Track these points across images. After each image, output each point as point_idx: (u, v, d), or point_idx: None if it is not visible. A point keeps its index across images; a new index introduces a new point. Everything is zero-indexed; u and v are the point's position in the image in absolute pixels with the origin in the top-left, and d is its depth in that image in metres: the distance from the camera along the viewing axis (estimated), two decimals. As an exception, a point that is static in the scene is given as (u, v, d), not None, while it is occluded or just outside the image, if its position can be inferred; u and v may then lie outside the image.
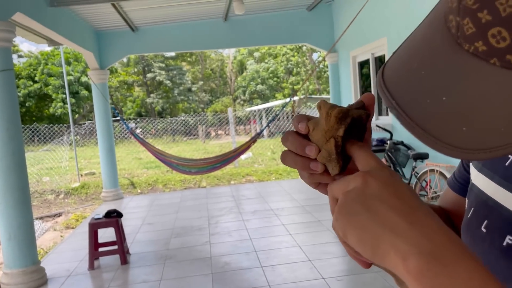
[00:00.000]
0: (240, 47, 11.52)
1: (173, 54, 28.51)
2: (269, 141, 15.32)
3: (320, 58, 27.17)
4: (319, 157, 0.45)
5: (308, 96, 23.96)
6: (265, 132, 17.30)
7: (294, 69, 28.19)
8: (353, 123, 0.45)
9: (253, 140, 6.16)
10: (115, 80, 27.56)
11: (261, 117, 23.19)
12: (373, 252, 0.37)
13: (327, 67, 19.02)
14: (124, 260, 4.37)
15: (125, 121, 7.34)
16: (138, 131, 20.05)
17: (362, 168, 0.42)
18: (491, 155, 0.33)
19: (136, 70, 28.49)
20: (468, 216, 0.57)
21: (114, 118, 8.93)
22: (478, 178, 0.57)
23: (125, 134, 19.39)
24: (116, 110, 7.36)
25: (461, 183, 0.66)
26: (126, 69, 28.34)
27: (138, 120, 22.15)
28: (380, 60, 6.32)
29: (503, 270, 0.49)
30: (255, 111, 23.94)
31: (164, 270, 4.14)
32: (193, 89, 30.04)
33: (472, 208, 0.57)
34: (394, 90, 0.39)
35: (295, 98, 21.18)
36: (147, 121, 22.02)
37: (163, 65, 28.26)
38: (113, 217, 4.44)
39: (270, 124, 15.94)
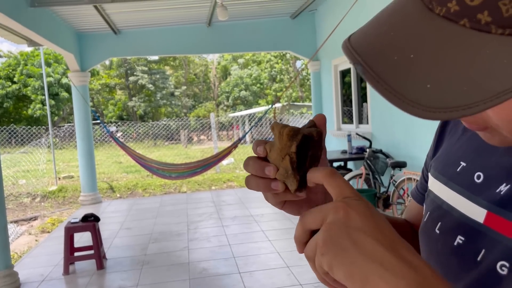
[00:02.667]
0: (223, 53, 11.56)
1: (156, 58, 28.35)
2: (251, 147, 15.32)
3: (304, 66, 27.42)
4: (278, 176, 0.47)
5: (291, 103, 24.10)
6: (247, 138, 17.30)
7: (278, 76, 28.35)
8: (306, 141, 0.47)
9: (234, 146, 6.16)
10: (97, 82, 27.23)
11: (244, 123, 23.21)
12: (362, 286, 0.37)
13: (310, 75, 19.25)
14: (100, 265, 4.30)
15: (105, 124, 7.25)
16: (119, 134, 19.82)
17: (336, 197, 0.42)
18: (450, 116, 0.34)
19: (118, 73, 28.20)
20: (425, 220, 0.59)
21: (94, 121, 8.82)
22: (434, 184, 0.60)
23: (105, 138, 19.15)
24: (97, 113, 7.28)
25: (422, 193, 0.69)
26: (108, 71, 28.04)
27: (119, 123, 21.92)
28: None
29: (455, 268, 0.52)
30: (238, 117, 23.95)
31: (141, 275, 4.09)
32: (176, 93, 29.88)
33: (428, 212, 0.59)
34: (361, 48, 0.38)
35: (278, 105, 21.28)
36: (128, 124, 21.79)
37: (146, 68, 28.05)
38: (90, 221, 4.38)
39: (252, 130, 15.97)
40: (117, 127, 20.44)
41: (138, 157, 6.45)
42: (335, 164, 6.47)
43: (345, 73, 7.07)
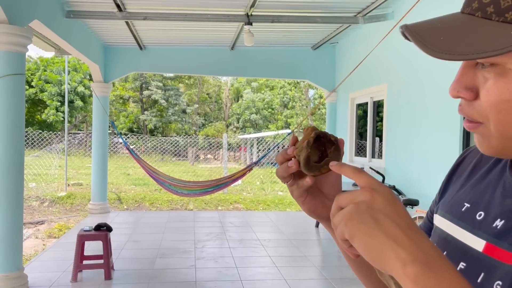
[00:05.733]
0: (243, 76, 11.73)
1: (172, 74, 28.80)
2: (259, 170, 15.36)
3: (316, 95, 27.64)
4: (295, 152, 0.63)
5: (300, 130, 24.21)
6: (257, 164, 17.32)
7: (290, 102, 28.59)
8: (324, 138, 0.64)
9: (249, 168, 6.23)
10: (112, 93, 27.63)
11: (252, 145, 23.30)
12: (377, 255, 0.47)
13: (322, 104, 19.38)
14: (108, 276, 4.32)
15: (122, 136, 7.37)
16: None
17: (364, 185, 0.51)
18: (452, 57, 0.49)
19: (133, 86, 28.62)
20: None
21: (110, 132, 8.95)
22: (441, 222, 0.70)
23: (115, 148, 19.29)
24: (114, 124, 7.41)
25: (425, 232, 0.79)
26: (124, 84, 28.47)
27: (129, 135, 22.11)
28: (378, 105, 6.52)
29: None
30: (246, 139, 24.07)
31: (148, 289, 4.10)
32: (187, 111, 30.18)
33: (445, 252, 0.69)
34: (412, 28, 0.54)
35: (288, 131, 21.39)
36: (137, 137, 21.97)
37: (161, 84, 28.45)
38: (103, 231, 4.43)
39: (261, 154, 16.03)
40: (126, 139, 20.61)
41: (151, 171, 6.52)
42: (346, 196, 6.48)
43: (360, 107, 7.18)
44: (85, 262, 4.46)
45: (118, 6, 5.37)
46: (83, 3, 5.43)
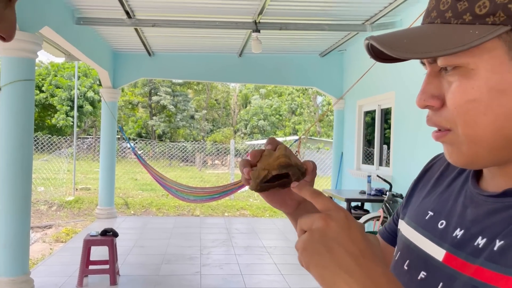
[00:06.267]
0: (251, 83, 11.76)
1: (180, 81, 28.98)
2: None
3: (325, 102, 27.59)
4: (251, 173, 0.65)
5: (308, 137, 24.18)
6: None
7: (298, 109, 28.58)
8: (286, 175, 0.65)
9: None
10: (121, 99, 27.84)
11: (260, 152, 23.29)
12: (331, 286, 0.49)
13: (330, 111, 19.33)
14: (114, 281, 4.33)
15: (130, 141, 7.42)
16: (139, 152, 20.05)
17: (321, 209, 0.53)
18: (416, 56, 0.51)
19: (142, 91, 28.82)
20: (396, 258, 0.72)
21: (118, 137, 9.01)
22: (406, 229, 0.72)
23: (123, 153, 19.40)
24: (123, 129, 7.46)
25: (389, 233, 0.83)
26: (133, 89, 28.69)
27: (137, 140, 22.23)
28: (386, 112, 6.49)
29: None
30: (254, 145, 24.08)
31: (153, 295, 4.10)
32: (195, 116, 30.30)
33: (399, 252, 0.71)
34: (378, 37, 0.56)
35: (295, 137, 21.35)
36: (146, 142, 22.06)
37: (170, 90, 28.62)
38: (109, 236, 4.44)
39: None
40: (134, 144, 20.72)
41: (159, 177, 6.55)
42: (352, 204, 6.46)
43: (368, 114, 7.15)
44: (91, 267, 4.47)
45: (127, 13, 5.43)
46: (93, 10, 5.49)
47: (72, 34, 5.45)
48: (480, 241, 0.55)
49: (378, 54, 0.59)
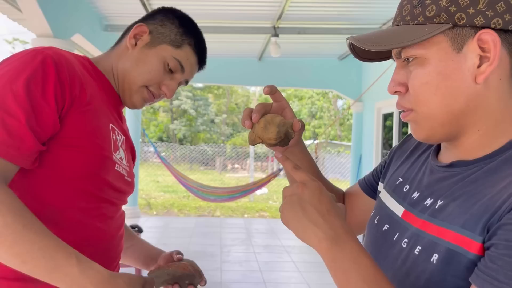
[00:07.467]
0: (269, 86, 11.88)
1: (201, 85, 29.39)
2: (285, 180, 15.41)
3: (345, 106, 27.54)
4: (249, 133, 0.81)
5: (328, 141, 24.19)
6: (282, 172, 17.41)
7: (318, 113, 28.60)
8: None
9: (274, 175, 6.38)
10: (143, 103, 28.31)
11: (280, 155, 23.38)
12: (303, 235, 0.65)
13: (350, 115, 19.34)
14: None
15: (153, 144, 7.67)
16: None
17: (299, 180, 0.69)
18: (381, 47, 0.66)
19: (164, 96, 29.32)
20: (372, 215, 0.88)
21: (140, 140, 9.30)
22: (383, 194, 0.87)
23: (146, 156, 19.82)
24: (146, 133, 7.72)
25: (367, 184, 1.02)
26: (155, 94, 29.19)
27: (158, 144, 22.65)
28: (403, 114, 6.55)
29: (382, 244, 0.79)
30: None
31: (176, 288, 4.29)
32: (216, 120, 30.67)
33: (375, 209, 0.88)
34: (355, 36, 0.70)
35: (316, 141, 21.40)
36: (167, 146, 22.47)
37: (190, 94, 29.07)
38: (135, 232, 4.65)
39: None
40: (155, 147, 21.09)
41: (181, 177, 6.77)
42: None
43: (386, 117, 7.22)
44: (117, 261, 4.69)
45: (152, 19, 5.67)
46: (119, 18, 5.77)
47: (101, 41, 5.74)
48: (428, 201, 0.71)
49: (360, 53, 0.76)
